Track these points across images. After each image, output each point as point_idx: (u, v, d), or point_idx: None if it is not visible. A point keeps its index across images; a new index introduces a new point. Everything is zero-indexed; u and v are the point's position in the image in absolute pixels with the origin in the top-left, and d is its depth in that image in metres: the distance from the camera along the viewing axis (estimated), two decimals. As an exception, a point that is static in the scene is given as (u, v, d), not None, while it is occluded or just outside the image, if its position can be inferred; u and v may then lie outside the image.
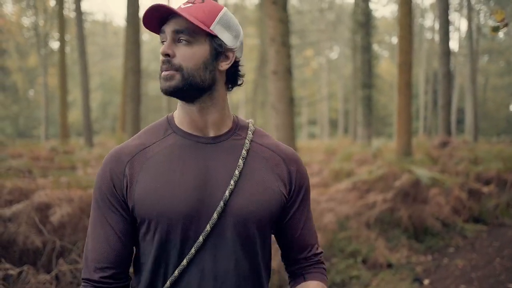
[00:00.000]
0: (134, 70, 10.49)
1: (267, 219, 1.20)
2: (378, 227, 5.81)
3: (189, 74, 1.13)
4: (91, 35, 35.35)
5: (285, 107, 5.36)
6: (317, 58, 42.72)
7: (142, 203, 1.13)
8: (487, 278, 4.61)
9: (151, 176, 1.15)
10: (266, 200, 1.19)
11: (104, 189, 1.17)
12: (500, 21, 2.24)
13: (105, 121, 40.81)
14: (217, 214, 1.13)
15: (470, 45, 24.78)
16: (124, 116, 15.81)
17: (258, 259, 1.21)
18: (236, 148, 1.23)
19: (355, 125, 24.21)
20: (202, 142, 1.20)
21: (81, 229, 3.64)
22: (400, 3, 9.32)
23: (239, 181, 1.17)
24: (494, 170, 9.12)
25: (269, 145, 1.29)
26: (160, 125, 1.26)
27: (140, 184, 1.14)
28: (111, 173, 1.17)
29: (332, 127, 42.99)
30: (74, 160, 7.76)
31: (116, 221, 1.17)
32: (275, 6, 5.34)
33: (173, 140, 1.21)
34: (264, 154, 1.26)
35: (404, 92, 8.84)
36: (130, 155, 1.18)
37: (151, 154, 1.19)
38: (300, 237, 1.31)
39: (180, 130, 1.22)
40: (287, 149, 1.31)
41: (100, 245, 1.17)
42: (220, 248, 1.15)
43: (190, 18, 1.09)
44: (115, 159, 1.18)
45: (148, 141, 1.22)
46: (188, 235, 1.14)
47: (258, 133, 1.31)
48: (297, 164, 1.30)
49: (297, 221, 1.30)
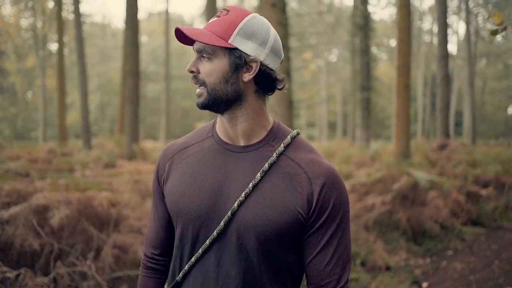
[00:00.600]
0: (132, 72, 10.49)
1: (274, 235, 1.16)
2: (376, 230, 5.82)
3: (212, 89, 1.18)
4: (90, 37, 35.30)
5: (284, 110, 5.37)
6: (316, 61, 42.76)
7: (168, 198, 1.27)
8: (485, 281, 4.61)
9: (179, 175, 1.26)
10: (274, 216, 1.15)
11: (154, 179, 1.34)
12: (498, 24, 2.25)
13: (104, 123, 40.76)
14: (224, 223, 1.18)
15: (468, 48, 24.87)
16: (123, 118, 15.79)
17: (259, 272, 1.19)
18: (262, 159, 1.21)
19: (353, 127, 24.25)
20: (230, 150, 1.25)
21: (79, 232, 3.63)
22: (399, 6, 9.35)
23: (251, 194, 1.18)
24: (492, 173, 9.13)
25: (300, 160, 1.22)
26: (206, 127, 1.35)
27: (170, 181, 1.28)
28: (158, 167, 1.33)
29: (331, 129, 43.01)
30: (72, 162, 7.76)
31: (160, 209, 1.35)
32: (274, 9, 5.35)
33: (208, 143, 1.29)
34: (290, 170, 1.20)
35: (403, 94, 8.86)
36: (173, 152, 1.32)
37: (188, 154, 1.29)
38: (314, 263, 1.21)
39: (217, 135, 1.29)
40: (320, 167, 1.21)
41: (152, 227, 1.38)
42: (224, 253, 1.20)
43: (203, 40, 1.14)
44: (163, 155, 1.34)
45: (191, 141, 1.32)
46: (198, 235, 1.22)
47: (294, 146, 1.25)
48: (326, 183, 1.19)
49: (312, 245, 1.21)
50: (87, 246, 3.61)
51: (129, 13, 11.07)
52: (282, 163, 1.21)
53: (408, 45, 9.04)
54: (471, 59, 24.74)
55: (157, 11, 48.87)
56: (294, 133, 1.28)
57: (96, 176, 5.78)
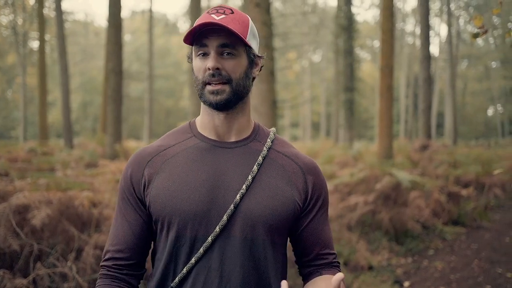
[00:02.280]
0: (115, 71, 10.40)
1: (276, 225, 1.22)
2: (359, 230, 5.85)
3: (237, 85, 1.20)
4: (72, 35, 34.90)
5: (268, 109, 5.36)
6: (300, 61, 42.92)
7: (156, 201, 1.20)
8: (465, 280, 4.68)
9: (166, 176, 1.22)
10: (276, 205, 1.21)
11: (124, 187, 1.26)
12: (480, 27, 2.28)
13: (86, 122, 40.35)
14: (227, 217, 1.17)
15: (450, 50, 25.20)
16: (105, 117, 15.62)
17: (265, 263, 1.22)
18: (253, 154, 1.27)
19: (337, 127, 24.38)
20: (220, 146, 1.26)
21: (60, 232, 3.58)
22: (383, 8, 9.42)
23: (251, 186, 1.21)
24: (472, 173, 9.28)
25: (288, 153, 1.32)
26: (182, 129, 1.33)
27: (156, 183, 1.22)
28: (132, 173, 1.26)
29: (314, 129, 43.22)
30: (53, 161, 7.65)
31: (131, 217, 1.26)
32: (259, 9, 5.34)
33: (193, 143, 1.27)
34: (282, 162, 1.29)
35: (386, 95, 8.93)
36: (150, 155, 1.26)
37: (170, 155, 1.25)
38: (316, 246, 1.31)
39: (200, 134, 1.28)
40: (306, 159, 1.33)
41: (118, 233, 1.26)
42: (227, 249, 1.18)
43: (239, 34, 1.14)
44: (137, 160, 1.27)
45: (169, 143, 1.29)
46: (197, 234, 1.18)
47: (278, 142, 1.34)
48: (316, 174, 1.31)
49: (313, 230, 1.30)
50: (68, 247, 3.55)
51: (112, 11, 10.96)
52: (272, 156, 1.28)
53: (391, 47, 9.12)
54: (453, 61, 25.07)
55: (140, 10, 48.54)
56: (274, 130, 1.38)
57: (78, 175, 5.70)
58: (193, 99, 12.63)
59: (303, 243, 1.31)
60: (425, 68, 14.27)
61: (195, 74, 1.22)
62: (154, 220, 1.23)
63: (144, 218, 1.25)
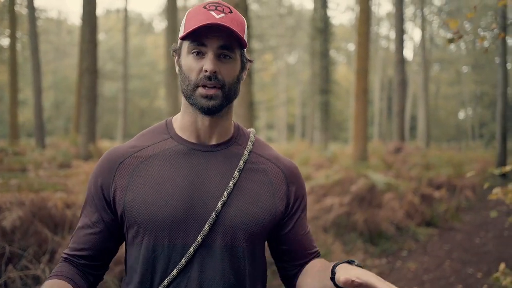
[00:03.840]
0: (90, 70, 10.24)
1: (257, 232, 1.18)
2: (334, 231, 5.89)
3: (229, 90, 1.13)
4: (44, 33, 34.21)
5: (245, 111, 5.36)
6: (276, 63, 43.08)
7: (131, 207, 1.12)
8: (438, 280, 4.77)
9: (142, 181, 1.14)
10: (258, 212, 1.17)
11: (93, 190, 1.18)
12: (455, 30, 2.32)
13: (58, 121, 39.56)
14: (209, 226, 1.11)
15: (423, 54, 25.64)
16: (79, 117, 15.38)
17: (245, 271, 1.18)
18: (234, 157, 1.21)
19: (312, 129, 24.54)
20: (200, 150, 1.18)
21: (33, 234, 3.50)
22: (359, 11, 9.53)
23: (232, 193, 1.15)
24: (444, 175, 9.47)
25: (269, 156, 1.27)
26: (158, 129, 1.24)
27: (131, 188, 1.13)
28: (101, 175, 1.17)
29: (290, 131, 43.41)
30: (25, 161, 7.49)
31: (96, 220, 1.18)
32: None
33: (170, 145, 1.19)
34: (263, 166, 1.24)
35: (362, 98, 9.04)
36: (122, 157, 1.17)
37: (144, 158, 1.17)
38: (299, 248, 1.28)
39: (178, 136, 1.20)
40: (287, 161, 1.29)
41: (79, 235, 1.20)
42: (208, 258, 1.13)
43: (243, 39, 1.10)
44: (107, 161, 1.18)
45: (143, 144, 1.20)
46: (175, 242, 1.12)
47: (258, 144, 1.29)
48: (297, 177, 1.29)
49: (296, 235, 1.27)
50: (40, 249, 3.47)
51: (87, 10, 10.80)
52: (254, 160, 1.23)
53: (367, 50, 9.24)
54: (426, 65, 25.55)
55: (115, 8, 47.94)
56: (254, 131, 1.33)
57: (51, 176, 5.58)
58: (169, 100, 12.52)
59: (286, 248, 1.28)
60: (400, 71, 14.50)
61: (186, 73, 1.13)
62: (128, 227, 1.15)
63: (110, 222, 1.17)
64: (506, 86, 11.93)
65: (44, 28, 36.04)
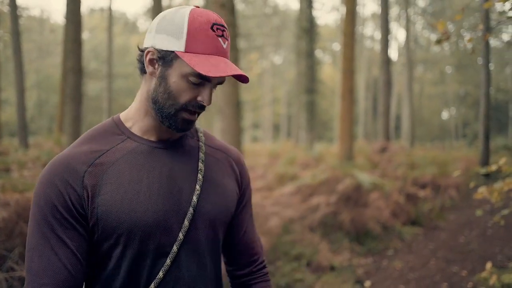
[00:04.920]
0: (74, 69, 10.12)
1: (228, 221, 1.23)
2: (321, 230, 5.92)
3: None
4: (27, 31, 33.77)
5: (232, 111, 5.35)
6: (262, 62, 43.09)
7: (108, 217, 1.04)
8: (423, 279, 4.81)
9: (115, 187, 1.06)
10: (227, 201, 1.21)
11: (57, 204, 1.02)
12: (443, 32, 2.34)
13: (41, 121, 39.07)
14: (188, 221, 1.11)
15: (408, 55, 25.86)
16: (62, 117, 15.21)
17: (219, 262, 1.23)
18: (192, 150, 1.22)
19: (298, 129, 24.60)
20: (160, 147, 1.16)
21: (18, 235, 3.45)
22: (345, 12, 9.58)
23: (202, 185, 1.17)
24: (429, 175, 9.57)
25: (219, 146, 1.31)
26: (108, 130, 1.16)
27: (103, 197, 1.04)
28: (65, 186, 1.03)
29: (275, 131, 43.48)
30: (8, 161, 7.36)
31: (73, 239, 1.03)
32: (224, 10, 5.32)
33: (130, 146, 1.13)
34: (217, 156, 1.27)
35: (347, 98, 9.08)
36: (86, 164, 1.06)
37: (109, 163, 1.09)
38: (245, 238, 1.33)
39: (135, 135, 1.15)
40: (234, 150, 1.34)
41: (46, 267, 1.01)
42: (191, 254, 1.13)
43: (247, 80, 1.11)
44: (66, 169, 1.05)
45: (101, 148, 1.11)
46: (160, 245, 1.09)
47: (206, 135, 1.31)
48: (243, 164, 1.33)
49: (242, 221, 1.32)
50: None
51: (71, 8, 10.66)
52: (208, 151, 1.25)
53: (352, 50, 9.29)
54: (410, 65, 25.78)
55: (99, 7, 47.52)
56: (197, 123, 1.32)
57: (35, 176, 5.51)
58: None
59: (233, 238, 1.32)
60: (385, 71, 14.61)
61: (174, 93, 1.06)
62: (103, 238, 1.05)
63: (86, 236, 1.05)
64: (489, 86, 12.08)
65: (27, 26, 35.57)
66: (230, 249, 1.33)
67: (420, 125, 39.29)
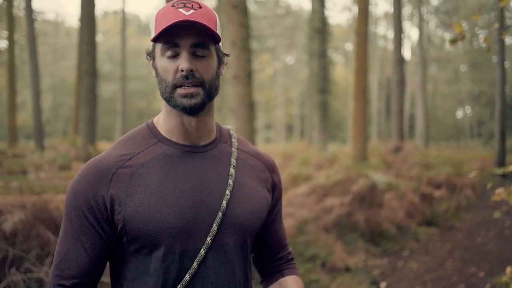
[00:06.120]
0: (89, 71, 10.24)
1: (258, 227, 1.23)
2: (336, 231, 5.89)
3: (210, 87, 1.11)
4: (42, 35, 34.18)
5: (246, 112, 5.35)
6: (274, 63, 43.08)
7: (134, 220, 1.06)
8: (440, 280, 4.76)
9: (142, 190, 1.08)
10: (257, 207, 1.21)
11: (83, 206, 1.08)
12: (460, 33, 2.33)
13: (57, 123, 39.52)
14: (217, 225, 1.11)
15: (421, 54, 25.66)
16: (77, 119, 15.38)
17: (249, 266, 1.24)
18: (224, 156, 1.22)
19: (311, 129, 24.53)
20: (191, 152, 1.17)
21: (35, 237, 3.49)
22: (358, 11, 9.53)
23: (233, 191, 1.17)
24: (444, 174, 9.48)
25: (252, 152, 1.31)
26: (141, 134, 1.19)
27: (132, 200, 1.07)
28: (93, 190, 1.07)
29: (288, 131, 43.43)
30: (25, 164, 7.47)
31: (91, 240, 1.09)
32: (236, 11, 5.32)
33: (161, 150, 1.15)
34: (250, 162, 1.28)
35: (360, 98, 9.04)
36: (113, 167, 1.10)
37: (137, 166, 1.11)
38: (277, 238, 1.38)
39: (167, 139, 1.17)
40: (268, 157, 1.35)
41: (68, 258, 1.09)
42: (219, 258, 1.13)
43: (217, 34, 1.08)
44: (95, 174, 1.09)
45: (131, 151, 1.14)
46: (187, 248, 1.10)
47: (239, 141, 1.31)
48: (276, 171, 1.34)
49: (276, 224, 1.36)
50: (43, 251, 3.46)
51: (85, 11, 10.79)
52: (241, 157, 1.26)
53: (365, 50, 9.24)
54: (424, 64, 25.57)
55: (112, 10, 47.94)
56: (231, 128, 1.35)
57: (51, 178, 5.58)
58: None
59: (263, 241, 1.35)
60: (398, 71, 14.52)
61: (162, 76, 1.10)
62: (129, 240, 1.09)
63: (107, 240, 1.10)
64: (504, 85, 11.95)
65: (42, 30, 36.04)
66: (260, 248, 1.37)
67: (434, 125, 38.95)
